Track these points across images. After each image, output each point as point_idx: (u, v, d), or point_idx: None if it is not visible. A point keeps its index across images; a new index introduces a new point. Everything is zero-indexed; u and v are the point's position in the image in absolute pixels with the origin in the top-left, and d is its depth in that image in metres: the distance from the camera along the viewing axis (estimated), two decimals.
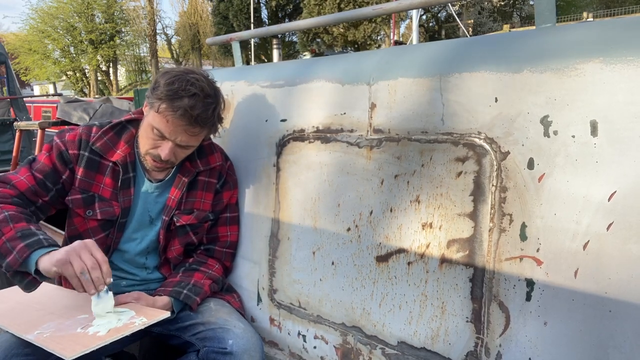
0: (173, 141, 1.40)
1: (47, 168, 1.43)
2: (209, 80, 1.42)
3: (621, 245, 0.89)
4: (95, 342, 1.14)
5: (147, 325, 1.25)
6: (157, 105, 1.36)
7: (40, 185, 1.41)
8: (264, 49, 24.89)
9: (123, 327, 1.22)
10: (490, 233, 1.06)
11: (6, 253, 1.22)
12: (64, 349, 1.09)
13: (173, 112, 1.34)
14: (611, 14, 18.31)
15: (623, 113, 0.89)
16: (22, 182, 1.39)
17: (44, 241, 1.24)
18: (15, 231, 1.24)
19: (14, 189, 1.38)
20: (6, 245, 1.22)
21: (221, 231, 1.63)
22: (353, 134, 1.32)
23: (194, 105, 1.34)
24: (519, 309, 1.02)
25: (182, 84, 1.35)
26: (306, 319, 1.44)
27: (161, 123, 1.37)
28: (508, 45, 1.08)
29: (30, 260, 1.21)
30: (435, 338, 1.15)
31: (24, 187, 1.39)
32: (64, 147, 1.45)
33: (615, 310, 0.90)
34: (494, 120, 1.05)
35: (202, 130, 1.42)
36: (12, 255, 1.21)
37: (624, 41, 0.91)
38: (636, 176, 0.88)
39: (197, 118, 1.36)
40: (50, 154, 1.45)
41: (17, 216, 1.29)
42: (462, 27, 13.95)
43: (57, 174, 1.44)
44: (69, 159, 1.45)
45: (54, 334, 1.18)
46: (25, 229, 1.25)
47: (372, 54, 1.37)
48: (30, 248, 1.21)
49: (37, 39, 26.73)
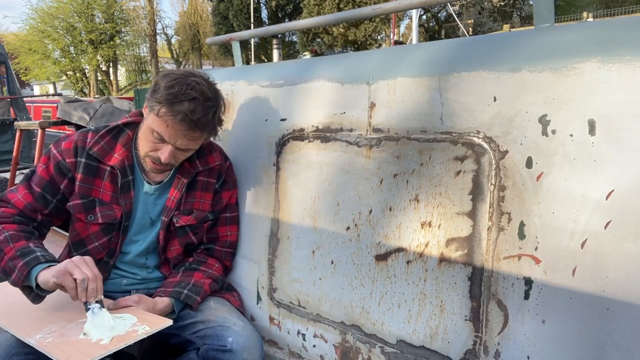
0: (173, 145, 1.39)
1: (44, 181, 1.46)
2: (209, 83, 1.42)
3: (619, 244, 0.90)
4: (100, 351, 1.15)
5: (150, 334, 1.25)
6: (157, 109, 1.36)
7: (39, 201, 1.45)
8: (264, 49, 24.89)
9: (126, 335, 1.22)
10: (488, 232, 1.07)
11: (10, 272, 1.29)
12: (67, 358, 1.10)
13: (173, 116, 1.34)
14: (611, 14, 18.31)
15: (621, 112, 0.90)
16: (19, 200, 1.44)
17: (41, 258, 1.29)
18: (15, 250, 1.31)
19: (14, 207, 1.44)
20: (9, 265, 1.29)
21: (221, 231, 1.63)
22: (352, 133, 1.33)
23: (194, 109, 1.34)
24: (517, 308, 1.02)
25: (182, 87, 1.34)
26: (306, 318, 1.44)
27: (161, 127, 1.37)
28: (507, 45, 1.08)
29: (30, 276, 1.27)
30: (434, 336, 1.16)
31: (21, 205, 1.44)
32: (60, 157, 1.46)
33: (613, 308, 0.90)
34: (493, 120, 1.06)
35: (202, 134, 1.42)
36: (15, 273, 1.28)
37: (621, 41, 0.91)
38: (634, 175, 0.88)
39: (197, 122, 1.36)
40: (47, 166, 1.47)
41: (17, 235, 1.35)
42: (462, 27, 13.96)
43: (55, 185, 1.46)
44: (66, 168, 1.46)
45: (56, 339, 1.19)
46: (24, 248, 1.32)
47: (372, 54, 1.38)
48: (28, 266, 1.27)
49: (37, 39, 26.72)
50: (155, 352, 1.63)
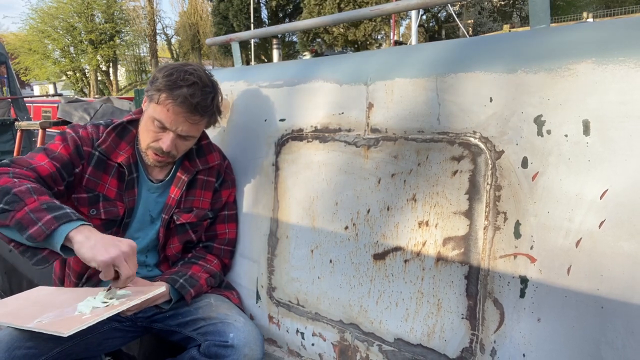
0: (174, 132, 1.41)
1: (65, 158, 1.39)
2: (206, 72, 1.46)
3: (613, 243, 0.91)
4: (93, 318, 1.12)
5: (144, 299, 1.25)
6: (157, 97, 1.38)
7: (60, 173, 1.37)
8: (264, 49, 24.90)
9: (120, 303, 1.21)
10: (485, 231, 1.08)
11: (29, 224, 1.14)
12: (62, 327, 1.09)
13: (173, 100, 1.37)
14: (611, 14, 18.30)
15: (615, 113, 0.91)
16: (43, 167, 1.33)
17: (71, 214, 1.18)
18: (39, 203, 1.17)
19: (35, 172, 1.31)
20: (29, 216, 1.14)
21: (219, 229, 1.64)
22: (351, 133, 1.34)
23: (194, 93, 1.37)
24: (513, 306, 1.03)
25: (180, 74, 1.38)
26: (304, 317, 1.45)
27: (162, 113, 1.39)
28: (503, 46, 1.09)
29: (58, 233, 1.14)
30: (431, 335, 1.17)
31: (45, 172, 1.33)
32: (79, 142, 1.43)
33: (608, 306, 0.92)
34: (489, 120, 1.07)
35: (202, 119, 1.44)
36: (37, 226, 1.13)
37: (616, 42, 0.93)
38: (627, 174, 0.89)
39: (196, 106, 1.38)
40: (65, 145, 1.41)
41: (40, 190, 1.23)
42: (462, 27, 13.96)
43: (73, 165, 1.41)
44: (83, 154, 1.44)
45: (53, 319, 1.18)
46: (50, 202, 1.19)
47: (370, 55, 1.39)
48: (59, 220, 1.15)
49: (37, 39, 26.72)
50: (155, 350, 1.64)
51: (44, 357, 1.29)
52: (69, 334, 1.07)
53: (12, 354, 1.24)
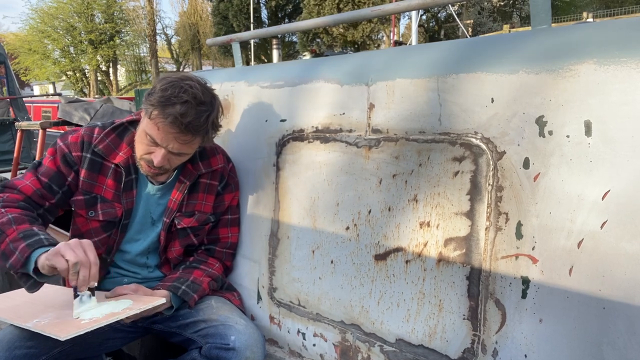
0: (165, 148, 1.38)
1: (51, 172, 1.45)
2: (204, 87, 1.40)
3: (615, 244, 0.91)
4: (91, 324, 1.15)
5: (144, 309, 1.26)
6: (150, 112, 1.35)
7: (46, 189, 1.43)
8: (264, 49, 24.89)
9: (120, 311, 1.23)
10: (486, 232, 1.08)
11: (10, 254, 1.24)
12: (60, 331, 1.11)
13: (163, 119, 1.33)
14: (611, 14, 18.30)
15: (616, 113, 0.91)
16: (27, 186, 1.42)
17: (44, 240, 1.26)
18: (17, 232, 1.27)
19: (20, 193, 1.41)
20: (9, 247, 1.25)
21: (222, 232, 1.64)
22: (352, 134, 1.34)
23: (185, 112, 1.32)
24: (514, 307, 1.03)
25: (175, 90, 1.33)
26: (305, 317, 1.45)
27: (153, 130, 1.36)
28: (504, 46, 1.09)
29: (30, 259, 1.23)
30: (433, 335, 1.17)
31: (29, 191, 1.41)
32: (67, 150, 1.46)
33: (609, 307, 0.92)
34: (491, 121, 1.07)
35: (194, 138, 1.40)
36: (15, 255, 1.24)
37: (617, 43, 0.92)
38: (629, 175, 0.89)
39: (187, 125, 1.33)
40: (54, 158, 1.46)
41: (20, 218, 1.31)
42: (462, 27, 13.96)
43: (62, 177, 1.45)
44: (72, 161, 1.46)
45: (52, 321, 1.19)
46: (27, 230, 1.28)
47: (371, 55, 1.39)
48: (30, 247, 1.24)
49: (37, 39, 26.72)
50: (156, 351, 1.64)
51: (44, 356, 1.29)
52: (65, 339, 1.09)
53: (13, 353, 1.24)
